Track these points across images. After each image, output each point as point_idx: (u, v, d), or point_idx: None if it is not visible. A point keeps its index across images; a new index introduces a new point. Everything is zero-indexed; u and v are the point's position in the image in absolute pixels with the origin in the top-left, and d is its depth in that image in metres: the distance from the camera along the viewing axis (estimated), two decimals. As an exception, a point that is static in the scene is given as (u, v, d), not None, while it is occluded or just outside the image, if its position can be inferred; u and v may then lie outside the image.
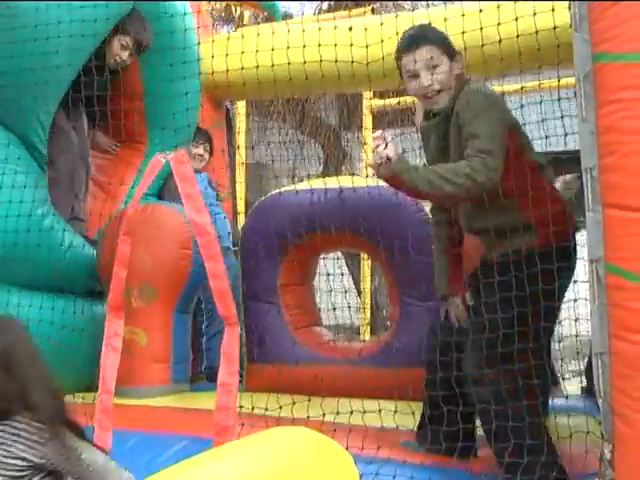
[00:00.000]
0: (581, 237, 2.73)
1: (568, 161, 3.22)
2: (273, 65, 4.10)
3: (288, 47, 4.28)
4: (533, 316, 2.75)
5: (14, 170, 4.08)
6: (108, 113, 4.38)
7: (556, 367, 3.95)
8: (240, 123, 6.60)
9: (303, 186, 4.48)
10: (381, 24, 3.80)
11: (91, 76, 4.24)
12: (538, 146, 3.17)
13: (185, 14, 4.76)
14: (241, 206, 6.39)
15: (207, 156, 5.18)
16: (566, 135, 3.05)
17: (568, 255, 2.88)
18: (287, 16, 9.68)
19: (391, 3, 10.69)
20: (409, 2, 10.47)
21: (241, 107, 6.75)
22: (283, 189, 4.61)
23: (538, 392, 2.80)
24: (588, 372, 3.99)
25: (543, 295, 2.72)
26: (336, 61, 3.91)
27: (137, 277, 4.18)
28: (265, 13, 6.34)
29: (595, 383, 2.37)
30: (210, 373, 4.67)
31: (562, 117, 3.06)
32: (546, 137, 3.13)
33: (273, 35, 4.34)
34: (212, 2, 5.84)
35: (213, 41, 4.60)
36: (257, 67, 4.04)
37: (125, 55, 4.56)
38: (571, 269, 2.94)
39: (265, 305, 4.44)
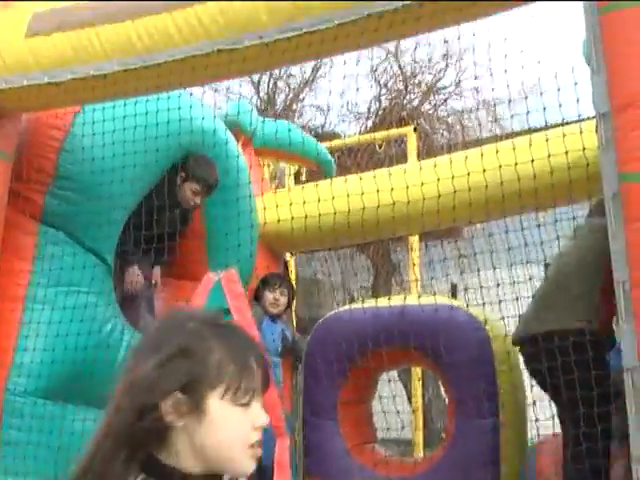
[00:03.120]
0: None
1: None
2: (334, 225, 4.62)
3: (348, 210, 4.57)
4: None
5: (79, 291, 4.31)
6: (177, 248, 4.66)
7: None
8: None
9: (366, 304, 4.60)
10: (435, 165, 4.17)
11: (163, 215, 4.48)
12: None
13: (238, 156, 5.08)
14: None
15: (283, 301, 4.97)
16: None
17: None
18: (334, 135, 10.00)
19: (435, 118, 10.99)
20: (450, 117, 10.75)
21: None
22: (346, 307, 4.72)
23: None
24: None
25: None
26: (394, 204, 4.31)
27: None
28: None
29: None
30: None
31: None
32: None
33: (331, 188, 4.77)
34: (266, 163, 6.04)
35: (271, 206, 4.94)
36: (320, 228, 4.63)
37: (198, 200, 4.77)
38: None
39: (325, 422, 4.47)
